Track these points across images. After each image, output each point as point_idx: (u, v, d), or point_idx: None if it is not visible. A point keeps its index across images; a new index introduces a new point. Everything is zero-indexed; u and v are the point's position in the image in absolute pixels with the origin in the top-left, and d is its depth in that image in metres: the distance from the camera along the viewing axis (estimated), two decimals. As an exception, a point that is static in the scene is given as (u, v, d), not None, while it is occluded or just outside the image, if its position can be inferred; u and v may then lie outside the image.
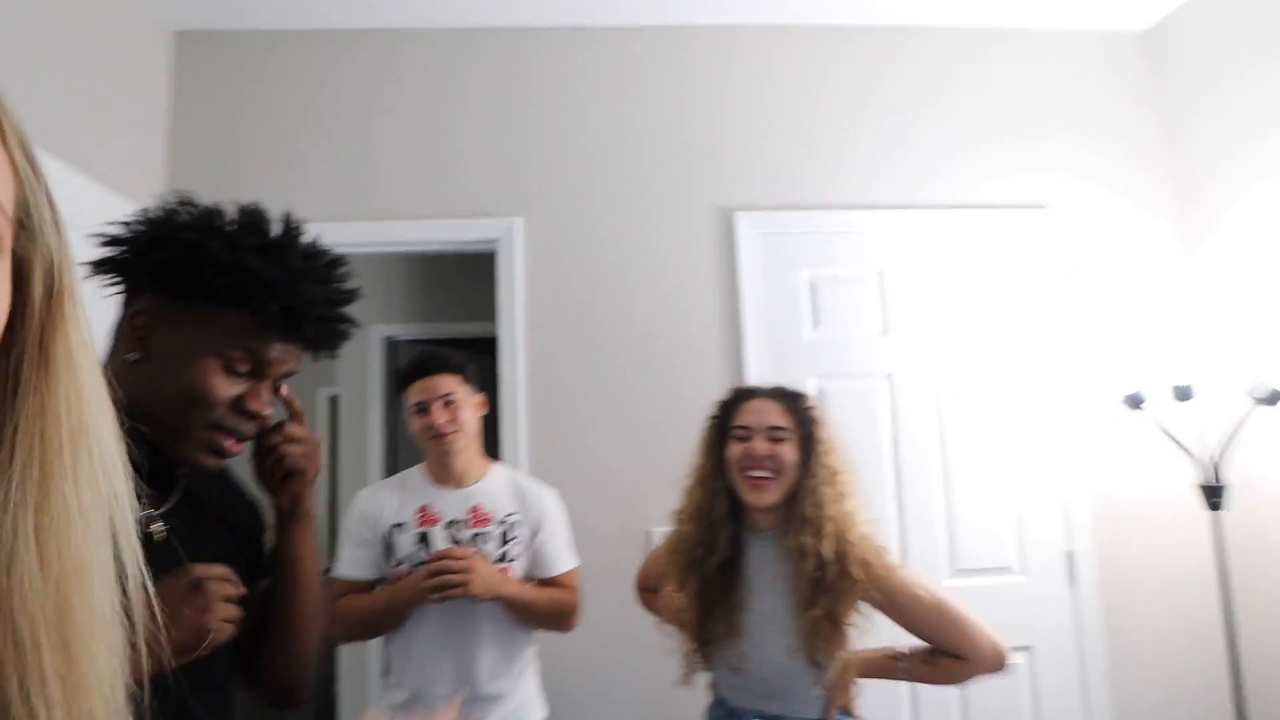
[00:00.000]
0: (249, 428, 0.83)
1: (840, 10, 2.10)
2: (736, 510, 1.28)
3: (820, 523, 1.18)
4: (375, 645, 1.67)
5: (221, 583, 0.78)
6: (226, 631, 0.77)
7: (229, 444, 0.82)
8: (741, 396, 1.33)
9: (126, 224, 0.83)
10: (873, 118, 2.13)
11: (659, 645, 1.84)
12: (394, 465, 3.59)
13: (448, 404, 1.52)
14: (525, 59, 2.13)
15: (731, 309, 2.04)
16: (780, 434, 1.24)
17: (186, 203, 0.83)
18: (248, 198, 1.93)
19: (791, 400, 1.29)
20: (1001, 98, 2.15)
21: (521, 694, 1.52)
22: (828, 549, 1.16)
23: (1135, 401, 1.92)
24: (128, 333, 0.81)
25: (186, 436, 0.79)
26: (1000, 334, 2.04)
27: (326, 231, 2.02)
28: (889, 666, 1.26)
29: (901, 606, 1.18)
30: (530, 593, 1.51)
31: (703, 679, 1.34)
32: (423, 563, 1.45)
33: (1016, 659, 1.87)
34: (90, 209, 1.45)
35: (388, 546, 1.52)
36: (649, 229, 2.07)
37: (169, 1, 1.96)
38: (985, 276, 2.07)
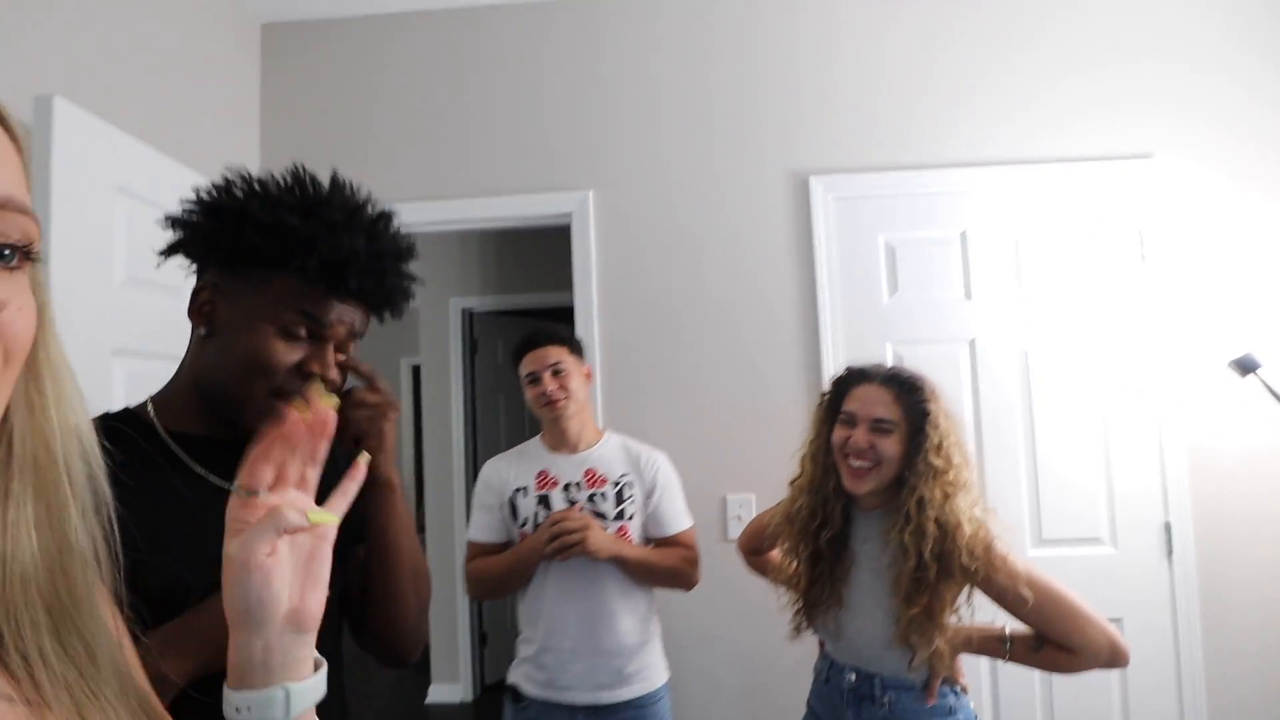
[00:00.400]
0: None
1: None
2: (843, 487, 1.29)
3: (922, 524, 1.17)
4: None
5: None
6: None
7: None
8: (854, 379, 1.31)
9: (185, 204, 0.83)
10: (951, 68, 2.03)
11: (737, 613, 1.92)
12: (474, 429, 3.75)
13: (556, 373, 1.62)
14: (594, 30, 2.12)
15: (806, 275, 2.01)
16: (885, 426, 1.22)
17: (242, 175, 0.82)
18: None
19: (904, 389, 1.25)
20: (1097, 35, 2.00)
21: (646, 654, 1.60)
22: (929, 551, 1.16)
23: (1245, 366, 1.80)
24: (194, 308, 0.82)
25: (251, 405, 0.78)
26: (1095, 294, 1.94)
27: (408, 210, 2.12)
28: (994, 648, 1.25)
29: (1008, 600, 1.17)
30: (647, 553, 1.60)
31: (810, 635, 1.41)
32: (543, 523, 1.56)
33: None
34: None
35: (512, 510, 1.64)
36: (721, 196, 2.06)
37: (255, -6, 2.05)
38: (1080, 234, 1.95)
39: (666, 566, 1.60)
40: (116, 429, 0.78)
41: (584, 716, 1.55)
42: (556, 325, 1.72)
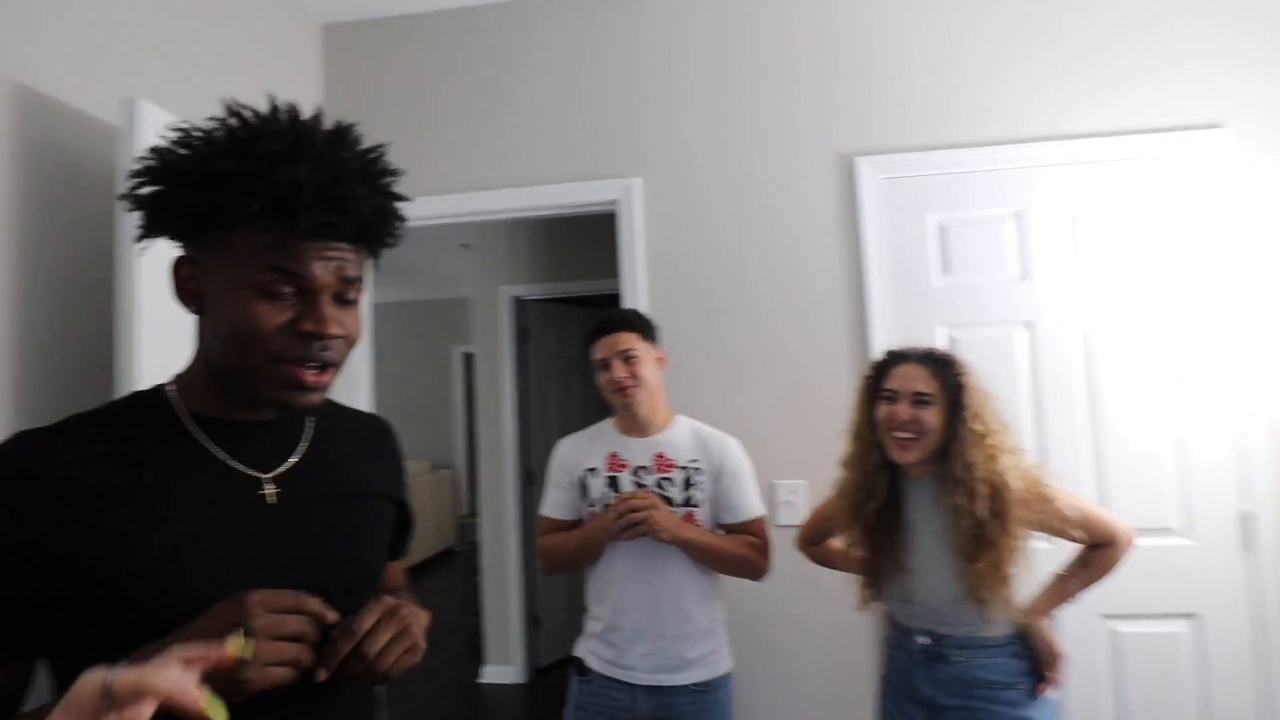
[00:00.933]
0: (319, 350, 0.72)
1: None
2: (891, 461, 1.40)
3: (971, 484, 1.29)
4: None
5: (282, 614, 0.64)
6: (273, 676, 0.62)
7: (305, 374, 0.72)
8: (893, 360, 1.44)
9: (129, 178, 0.73)
10: (998, 39, 1.96)
11: (791, 597, 1.91)
12: (525, 414, 3.82)
13: (627, 359, 1.62)
14: (639, 18, 2.12)
15: (853, 258, 1.98)
16: (925, 398, 1.35)
17: (175, 129, 0.72)
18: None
19: (939, 365, 1.38)
20: (1144, 13, 1.90)
21: (710, 641, 1.61)
22: (981, 509, 1.28)
23: (1330, 346, 1.69)
24: (178, 291, 0.74)
25: (258, 379, 0.71)
26: (1162, 271, 1.85)
27: (460, 201, 2.17)
28: (1063, 589, 1.39)
29: (1064, 527, 1.33)
30: (713, 538, 1.60)
31: (872, 609, 1.52)
32: (611, 504, 1.58)
33: (1178, 626, 1.82)
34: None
35: (582, 489, 1.67)
36: (765, 179, 2.04)
37: (313, -6, 2.12)
38: (1145, 208, 1.87)
39: (734, 553, 1.59)
40: (136, 412, 0.76)
41: (645, 695, 1.57)
42: (629, 310, 1.73)
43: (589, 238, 3.75)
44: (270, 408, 0.76)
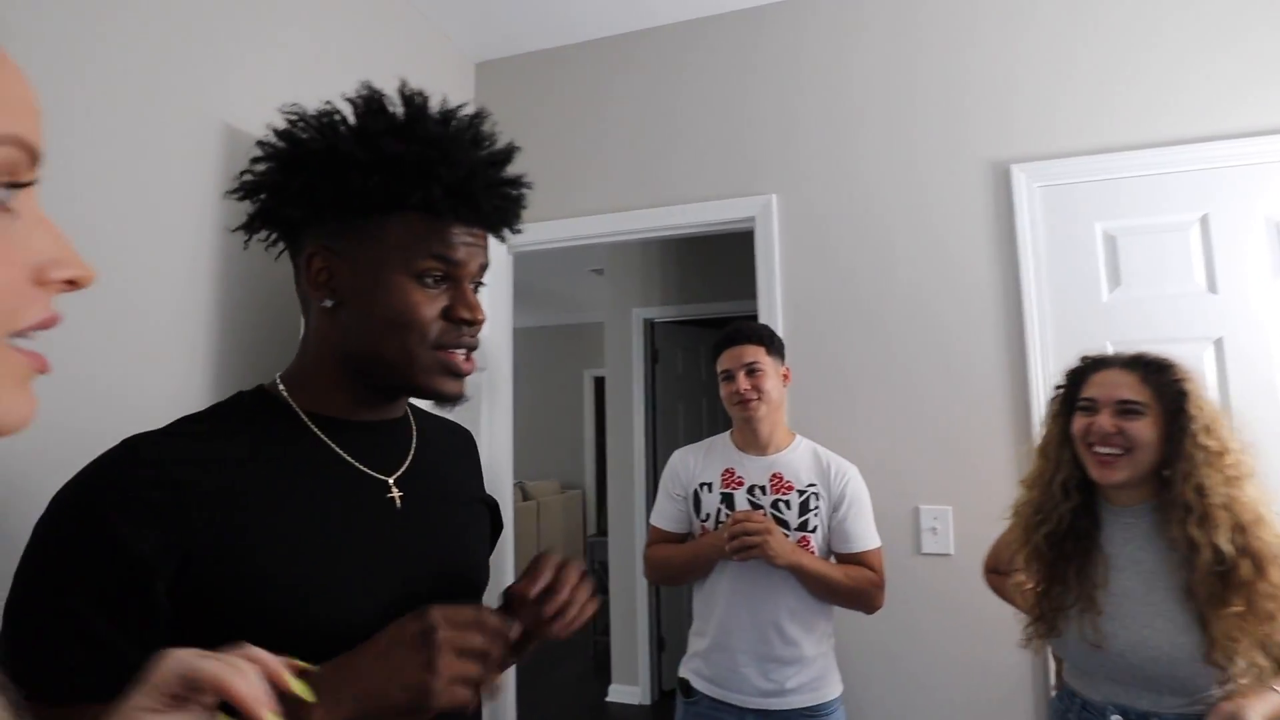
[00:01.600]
0: (471, 336, 0.73)
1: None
2: (1088, 483, 1.21)
3: (1208, 510, 1.06)
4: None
5: (465, 631, 0.60)
6: (459, 696, 0.59)
7: (460, 360, 0.73)
8: (1092, 366, 1.25)
9: (248, 171, 0.74)
10: (1176, 34, 1.78)
11: (936, 631, 1.80)
12: (654, 437, 3.87)
13: (750, 372, 1.61)
14: (764, 35, 2.14)
15: (1009, 272, 1.86)
16: (1133, 408, 1.14)
17: (297, 115, 0.74)
18: (535, 202, 2.21)
19: (1152, 370, 1.16)
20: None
21: (819, 665, 1.55)
22: (1225, 543, 1.04)
23: None
24: (309, 280, 0.73)
25: (416, 367, 0.71)
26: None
27: (598, 223, 2.27)
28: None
29: None
30: (828, 567, 1.54)
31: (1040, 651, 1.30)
32: (724, 522, 1.55)
33: None
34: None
35: (695, 503, 1.65)
36: (910, 192, 1.97)
37: (472, 38, 2.32)
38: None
39: (847, 585, 1.52)
40: (252, 413, 0.72)
41: (752, 718, 1.53)
42: (756, 324, 1.72)
43: (719, 259, 3.78)
44: (426, 396, 0.74)
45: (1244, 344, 1.68)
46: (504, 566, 2.22)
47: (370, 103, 0.73)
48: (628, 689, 3.78)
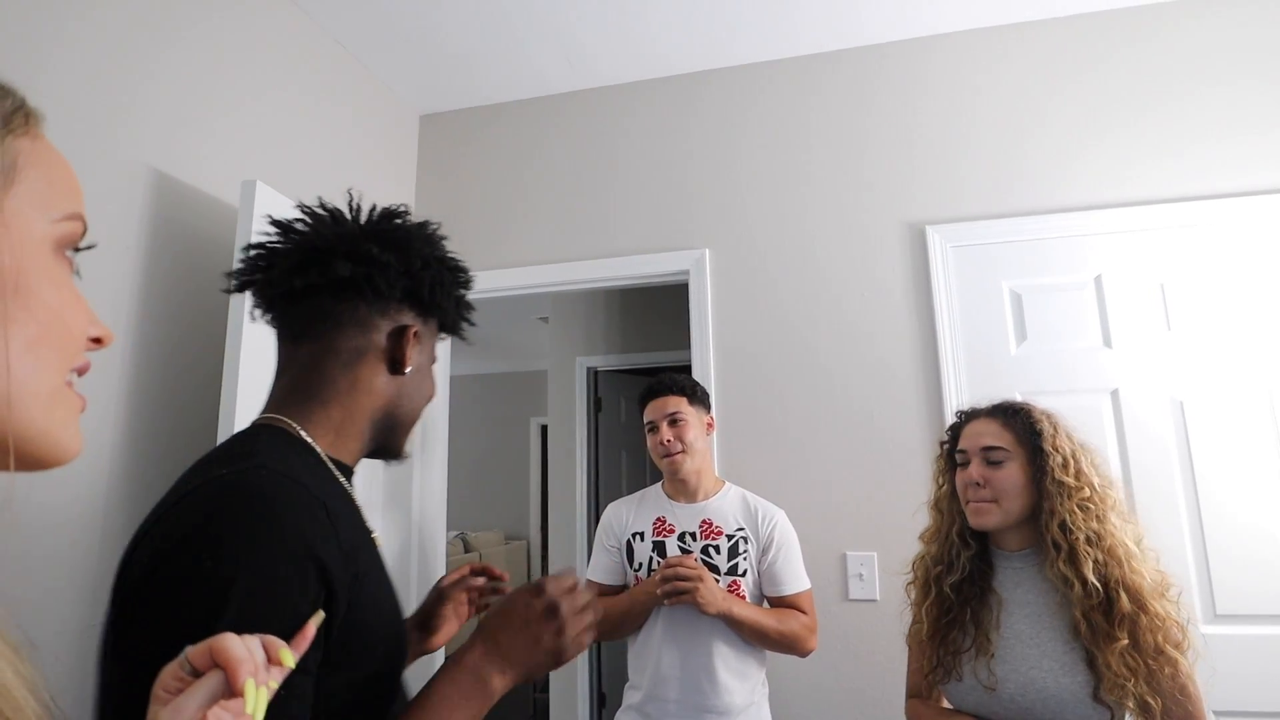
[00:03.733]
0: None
1: (1026, 6, 1.98)
2: (979, 532, 1.24)
3: (1074, 546, 1.10)
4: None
5: (573, 595, 0.79)
6: (584, 646, 0.79)
7: (411, 433, 0.89)
8: (963, 419, 1.29)
9: (367, 241, 0.79)
10: (1073, 110, 1.97)
11: (863, 676, 1.83)
12: (596, 485, 3.85)
13: (673, 423, 1.65)
14: (701, 98, 2.26)
15: (926, 327, 1.97)
16: (997, 455, 1.18)
17: (395, 213, 0.83)
18: (476, 251, 2.27)
19: (1009, 415, 1.20)
20: (1225, 71, 1.88)
21: (752, 714, 1.56)
22: (1093, 576, 1.07)
23: None
24: (402, 347, 0.81)
25: (408, 435, 0.86)
26: (1267, 337, 1.75)
27: (541, 273, 2.31)
28: None
29: (1159, 685, 1.04)
30: (759, 613, 1.55)
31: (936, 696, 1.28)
32: (656, 569, 1.56)
33: None
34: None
35: (629, 553, 1.67)
36: (835, 249, 2.08)
37: (416, 92, 2.37)
38: (1241, 274, 1.79)
39: (780, 630, 1.54)
40: (292, 446, 0.73)
41: None
42: (679, 375, 1.76)
43: (662, 308, 3.86)
44: (399, 456, 0.88)
45: (1138, 394, 1.80)
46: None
47: (384, 214, 0.85)
48: (567, 747, 3.66)
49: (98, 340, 0.46)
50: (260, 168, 1.74)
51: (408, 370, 0.81)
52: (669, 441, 1.64)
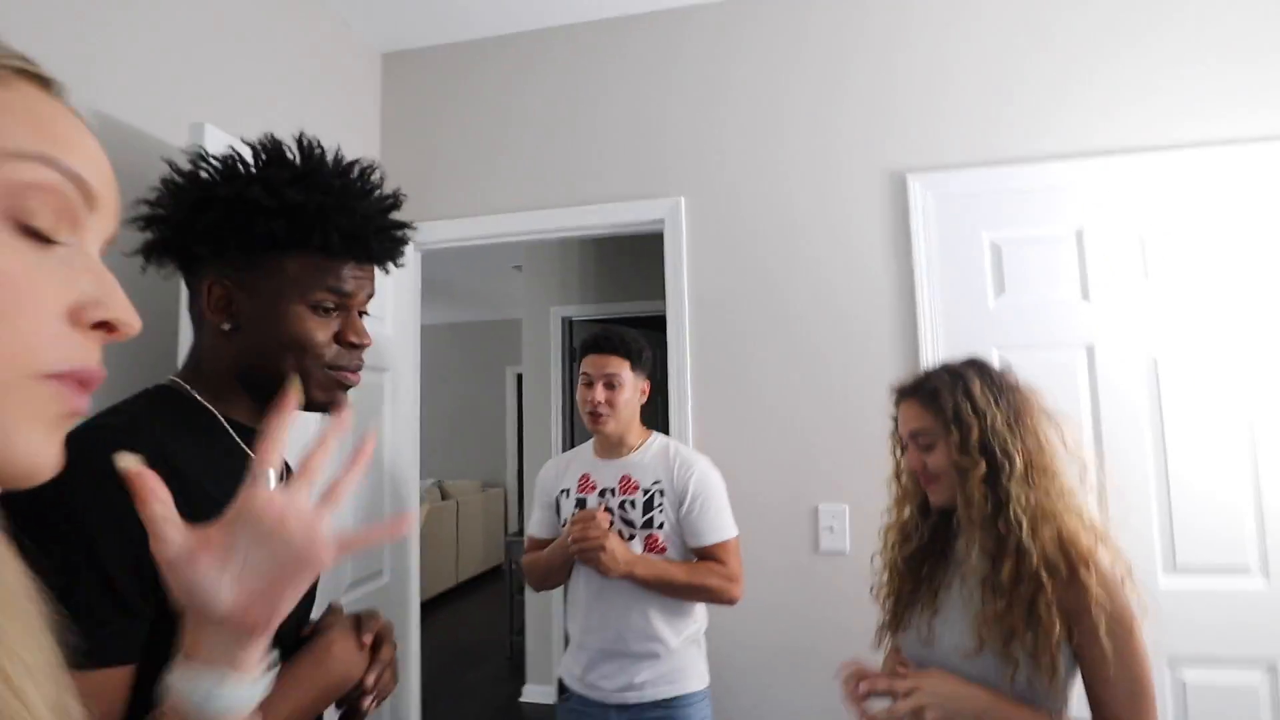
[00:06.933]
0: (357, 357, 0.85)
1: (1031, -59, 1.88)
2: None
3: (970, 515, 1.10)
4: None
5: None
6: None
7: (350, 377, 0.84)
8: (896, 399, 1.26)
9: (153, 202, 0.81)
10: (1057, 56, 1.89)
11: (831, 628, 1.85)
12: (571, 435, 3.84)
13: (609, 385, 1.64)
14: (684, 37, 2.15)
15: (904, 278, 1.93)
16: (922, 440, 1.17)
17: (200, 158, 0.81)
18: (446, 198, 2.16)
19: (927, 396, 1.17)
20: (1229, 20, 1.81)
21: (678, 659, 1.59)
22: (992, 542, 1.07)
23: None
24: (209, 307, 0.79)
25: (311, 383, 0.80)
26: (1241, 292, 1.73)
27: (511, 221, 2.22)
28: None
29: (1084, 632, 1.01)
30: (664, 569, 1.56)
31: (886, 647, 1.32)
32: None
33: (1254, 677, 1.63)
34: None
35: (557, 509, 1.71)
36: (812, 197, 2.02)
37: (378, 29, 2.23)
38: (1221, 225, 1.76)
39: (690, 583, 1.56)
40: (186, 413, 0.77)
41: (615, 714, 1.58)
42: (627, 333, 1.72)
43: (638, 259, 3.79)
44: (316, 409, 0.83)
45: (1113, 349, 1.80)
46: (409, 569, 2.16)
47: (271, 152, 0.81)
48: (541, 689, 3.75)
49: (106, 326, 0.36)
50: (209, 109, 1.63)
51: (225, 326, 0.79)
52: (598, 403, 1.63)
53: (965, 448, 1.10)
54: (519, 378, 7.14)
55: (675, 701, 1.58)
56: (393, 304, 2.14)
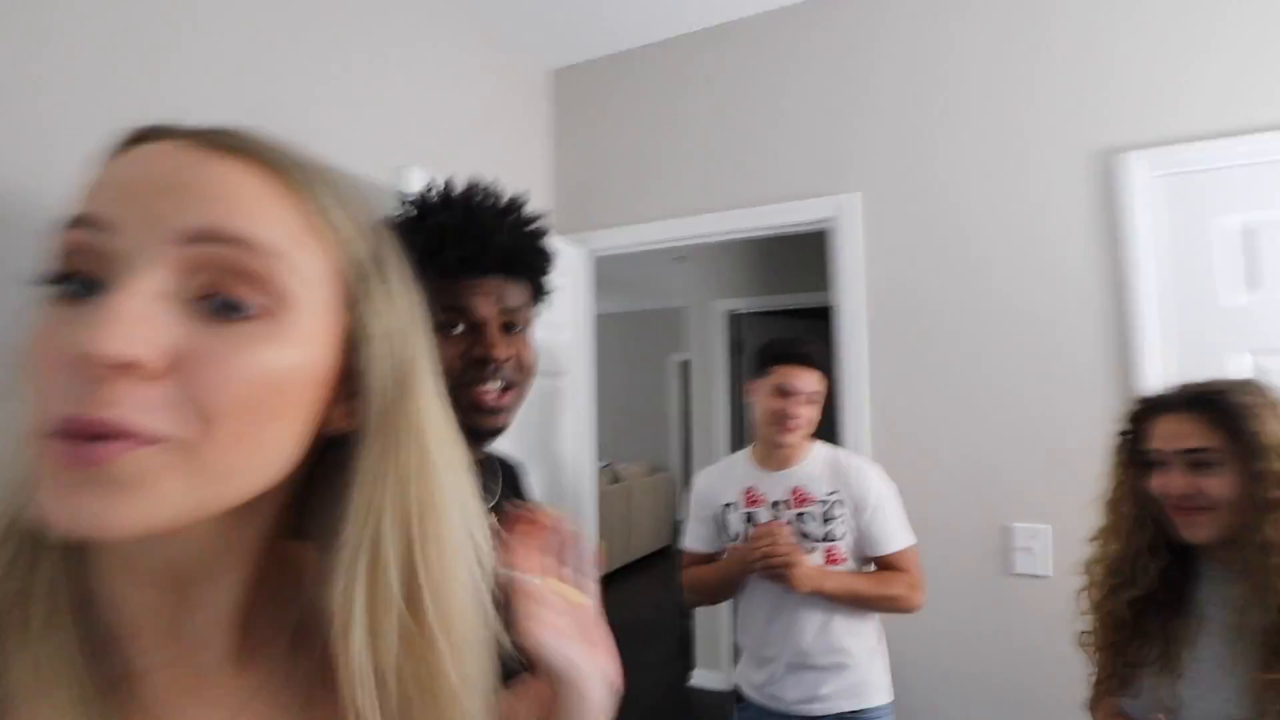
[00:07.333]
0: (492, 373, 0.82)
1: None
2: (1173, 537, 1.06)
3: (1269, 570, 0.93)
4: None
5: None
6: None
7: (488, 397, 0.82)
8: (1148, 410, 1.08)
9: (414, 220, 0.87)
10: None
11: (1023, 653, 1.70)
12: (737, 423, 3.83)
13: (810, 402, 1.59)
14: (852, 28, 2.01)
15: (1114, 273, 1.69)
16: (1204, 458, 0.98)
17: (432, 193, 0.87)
18: (615, 206, 2.17)
19: (1218, 411, 0.98)
20: None
21: (863, 672, 1.55)
22: (1275, 603, 0.91)
23: None
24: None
25: (455, 408, 0.86)
26: None
27: (681, 225, 2.24)
28: None
29: None
30: (852, 582, 1.53)
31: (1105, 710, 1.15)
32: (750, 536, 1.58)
33: None
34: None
35: (722, 524, 1.67)
36: (1004, 186, 1.82)
37: (547, 46, 2.31)
38: None
39: (878, 594, 1.53)
40: None
41: None
42: (819, 348, 1.66)
43: (802, 249, 3.65)
44: (471, 436, 0.83)
45: None
46: (584, 555, 2.27)
47: (466, 191, 0.86)
48: (710, 674, 3.81)
49: (123, 364, 0.31)
50: (410, 150, 1.76)
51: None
52: (794, 418, 1.57)
53: (1263, 487, 0.93)
54: (681, 366, 7.26)
55: (860, 715, 1.54)
56: (570, 312, 2.24)
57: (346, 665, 0.37)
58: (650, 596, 5.66)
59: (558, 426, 2.20)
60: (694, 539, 1.73)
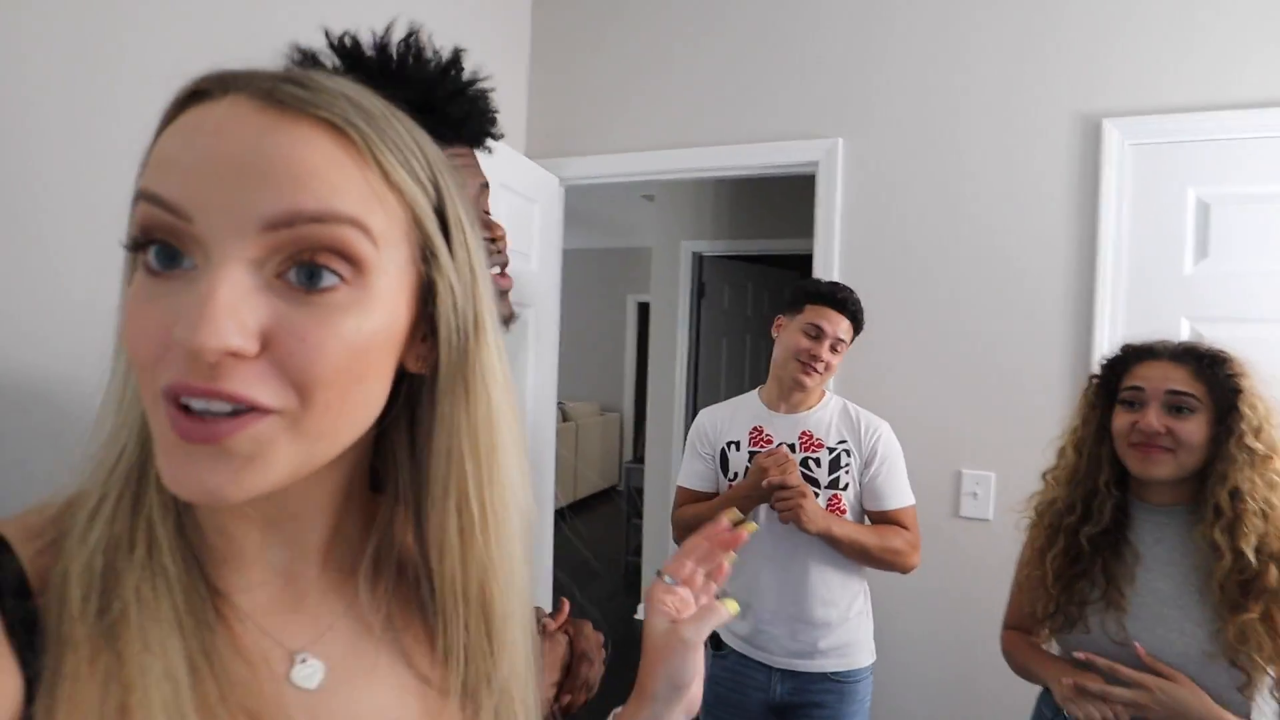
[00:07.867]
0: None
1: None
2: (1123, 477, 1.15)
3: (1240, 515, 1.00)
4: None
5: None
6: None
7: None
8: (1135, 356, 1.15)
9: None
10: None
11: (979, 592, 1.82)
12: (696, 369, 3.87)
13: (835, 348, 1.57)
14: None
15: (1085, 234, 1.76)
16: (1185, 402, 1.06)
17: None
18: (589, 134, 2.10)
19: (1206, 364, 1.07)
20: None
21: (851, 629, 1.56)
22: (1250, 550, 0.98)
23: None
24: None
25: None
26: None
27: (655, 159, 2.19)
28: None
29: None
30: (859, 531, 1.51)
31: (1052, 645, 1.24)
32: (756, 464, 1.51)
33: None
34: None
35: (723, 461, 1.65)
36: (983, 144, 1.85)
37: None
38: None
39: (882, 546, 1.50)
40: None
41: (780, 678, 1.55)
42: (856, 296, 1.63)
43: (774, 195, 3.65)
44: None
45: (1335, 328, 1.57)
46: (544, 490, 2.30)
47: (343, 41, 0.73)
48: (655, 607, 3.95)
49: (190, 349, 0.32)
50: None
51: None
52: (820, 361, 1.55)
53: (1251, 435, 1.02)
54: (640, 306, 7.24)
55: (846, 676, 1.54)
56: (539, 241, 2.20)
57: (442, 582, 0.44)
58: (598, 535, 5.78)
59: (521, 359, 2.18)
60: (692, 476, 1.69)
